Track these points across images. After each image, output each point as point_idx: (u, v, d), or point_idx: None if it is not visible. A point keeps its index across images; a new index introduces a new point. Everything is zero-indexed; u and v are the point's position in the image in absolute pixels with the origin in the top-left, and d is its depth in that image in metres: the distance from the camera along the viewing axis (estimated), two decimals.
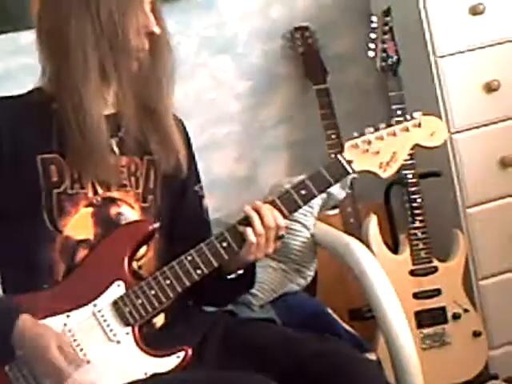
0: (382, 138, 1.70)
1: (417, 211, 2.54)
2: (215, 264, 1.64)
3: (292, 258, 2.37)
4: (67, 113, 1.62)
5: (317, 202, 2.36)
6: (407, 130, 1.71)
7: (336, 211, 2.67)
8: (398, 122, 1.72)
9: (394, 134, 1.71)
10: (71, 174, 1.67)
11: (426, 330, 2.53)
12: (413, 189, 2.54)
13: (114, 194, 1.70)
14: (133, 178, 1.73)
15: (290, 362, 1.65)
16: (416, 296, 2.53)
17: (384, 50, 2.53)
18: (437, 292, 2.54)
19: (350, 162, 1.69)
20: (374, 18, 2.55)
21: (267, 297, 2.31)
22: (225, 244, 1.64)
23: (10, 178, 1.64)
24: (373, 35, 2.55)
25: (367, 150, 1.69)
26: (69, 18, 1.60)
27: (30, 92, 1.73)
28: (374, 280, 2.11)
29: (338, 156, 1.69)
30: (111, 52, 1.61)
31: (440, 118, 2.01)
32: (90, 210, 1.68)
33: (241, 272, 1.73)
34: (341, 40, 2.84)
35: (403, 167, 2.44)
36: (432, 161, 2.47)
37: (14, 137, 1.64)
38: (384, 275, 2.12)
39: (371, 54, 2.55)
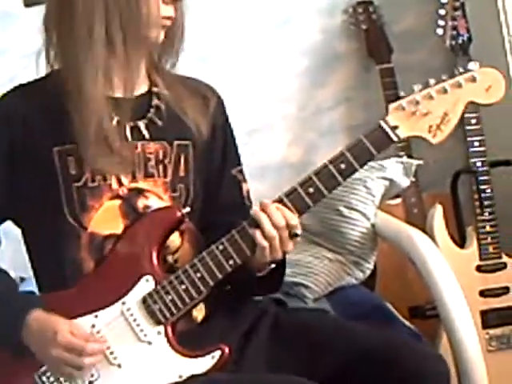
0: (431, 97, 1.51)
1: (486, 202, 2.48)
2: (248, 253, 1.54)
3: (350, 249, 2.32)
4: (73, 95, 1.55)
5: (378, 189, 2.33)
6: (459, 85, 1.51)
7: (399, 200, 2.63)
8: (451, 77, 1.53)
9: (445, 92, 1.51)
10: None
11: (492, 331, 2.47)
12: (482, 178, 2.49)
13: (141, 184, 1.64)
14: (161, 166, 1.67)
15: (345, 354, 1.57)
16: (482, 294, 2.47)
17: (454, 28, 2.48)
18: (505, 290, 2.49)
19: (394, 128, 1.51)
20: None
21: (322, 290, 2.27)
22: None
23: (28, 175, 1.60)
24: (442, 11, 2.48)
25: (414, 112, 1.51)
26: None
27: (48, 75, 1.66)
28: (437, 275, 2.05)
29: (381, 122, 1.52)
30: (122, 25, 1.54)
31: None
32: (118, 202, 1.63)
33: (272, 267, 1.60)
34: (407, 16, 2.77)
35: (472, 155, 2.45)
36: (503, 148, 2.46)
37: (28, 131, 1.59)
38: (449, 270, 2.07)
39: (440, 31, 2.49)
